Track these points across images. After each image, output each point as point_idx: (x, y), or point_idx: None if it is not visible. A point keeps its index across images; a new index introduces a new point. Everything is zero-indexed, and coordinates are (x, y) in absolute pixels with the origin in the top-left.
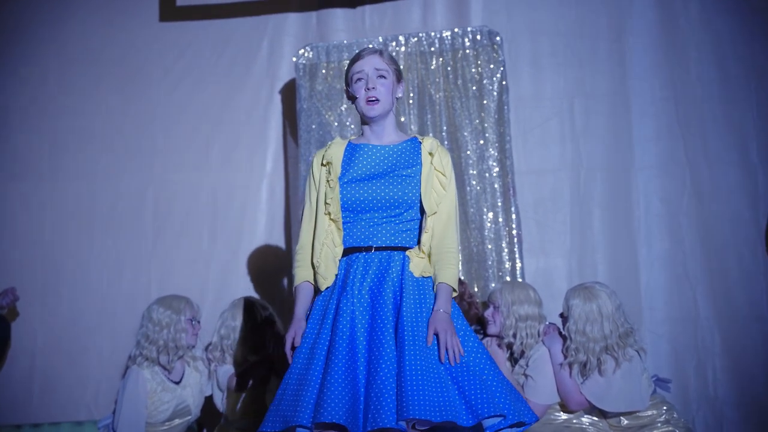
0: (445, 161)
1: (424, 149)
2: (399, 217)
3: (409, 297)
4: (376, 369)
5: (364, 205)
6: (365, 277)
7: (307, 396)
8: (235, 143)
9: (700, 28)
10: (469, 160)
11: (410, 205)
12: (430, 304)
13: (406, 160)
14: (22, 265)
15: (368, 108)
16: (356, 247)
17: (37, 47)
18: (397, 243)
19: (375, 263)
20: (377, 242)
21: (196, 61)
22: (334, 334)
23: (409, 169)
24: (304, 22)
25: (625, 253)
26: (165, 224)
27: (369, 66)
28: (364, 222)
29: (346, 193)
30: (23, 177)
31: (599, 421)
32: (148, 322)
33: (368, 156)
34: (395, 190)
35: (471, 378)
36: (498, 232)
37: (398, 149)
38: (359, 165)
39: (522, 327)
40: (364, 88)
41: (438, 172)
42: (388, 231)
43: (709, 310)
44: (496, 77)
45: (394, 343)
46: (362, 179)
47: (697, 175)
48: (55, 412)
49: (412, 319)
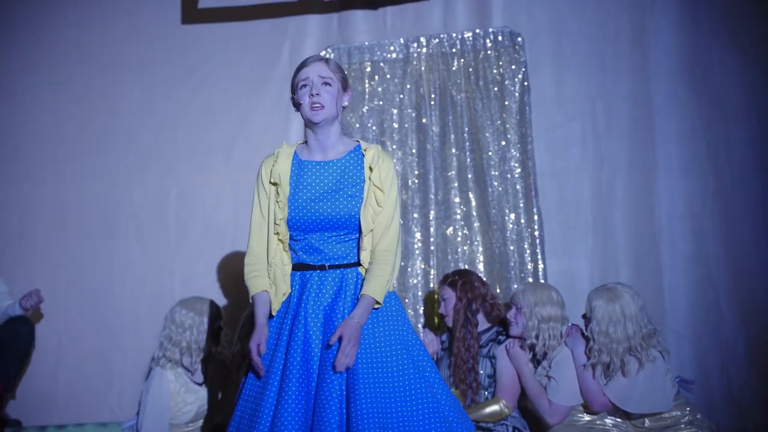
0: (384, 174)
1: (366, 163)
2: (348, 236)
3: None
4: (321, 389)
5: (312, 226)
6: (319, 296)
7: (262, 421)
8: (258, 145)
9: (723, 28)
10: (491, 161)
11: (356, 224)
12: (384, 321)
13: (350, 177)
14: (46, 267)
15: (312, 113)
16: (309, 265)
17: (60, 50)
18: (350, 260)
19: (329, 282)
20: (330, 261)
21: (218, 64)
22: (288, 356)
23: (353, 188)
24: (325, 23)
25: (647, 255)
26: (188, 226)
27: (314, 73)
28: (314, 240)
29: (294, 214)
30: (47, 180)
31: (622, 422)
32: (171, 324)
33: (314, 174)
34: (341, 210)
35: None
36: (520, 233)
37: (342, 164)
38: (306, 185)
39: (544, 328)
40: (309, 94)
41: (376, 188)
42: (339, 249)
43: (732, 312)
44: (517, 78)
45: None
46: (309, 200)
47: (720, 176)
48: (79, 414)
49: (365, 338)
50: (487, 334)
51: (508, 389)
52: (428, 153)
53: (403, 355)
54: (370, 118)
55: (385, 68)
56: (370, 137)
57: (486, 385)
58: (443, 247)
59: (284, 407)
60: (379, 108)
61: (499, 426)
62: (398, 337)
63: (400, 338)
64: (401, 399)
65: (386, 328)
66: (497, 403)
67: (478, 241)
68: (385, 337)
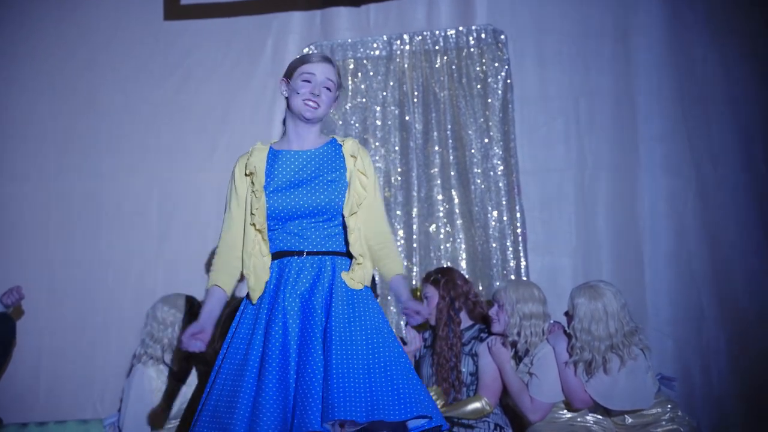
0: (366, 163)
1: (346, 152)
2: (327, 223)
3: (338, 301)
4: (303, 374)
5: (291, 213)
6: (297, 282)
7: (242, 407)
8: (240, 142)
9: (706, 28)
10: (474, 159)
11: (338, 210)
12: (361, 307)
13: (330, 164)
14: (28, 264)
15: (306, 108)
16: (287, 251)
17: (42, 47)
18: (328, 248)
19: (308, 268)
20: (308, 247)
21: (201, 60)
22: (267, 342)
23: (333, 174)
24: (308, 20)
25: (630, 253)
26: (171, 223)
27: (321, 73)
28: (292, 228)
29: (273, 202)
30: (29, 177)
31: (604, 419)
32: (153, 321)
33: (291, 162)
34: (322, 196)
35: (402, 374)
36: (503, 230)
37: (320, 153)
38: (283, 172)
39: (526, 325)
40: (310, 90)
41: (361, 174)
42: (318, 236)
43: (714, 310)
44: (500, 76)
45: (321, 348)
46: (287, 187)
47: (702, 174)
48: (60, 411)
49: (341, 323)
50: (470, 332)
51: (489, 387)
52: (411, 150)
53: (373, 333)
54: (353, 115)
55: (368, 65)
56: (353, 134)
57: (468, 383)
58: (426, 245)
59: (265, 393)
60: (362, 105)
61: (481, 423)
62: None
63: (372, 322)
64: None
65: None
66: (479, 400)
67: (460, 239)
68: (364, 316)
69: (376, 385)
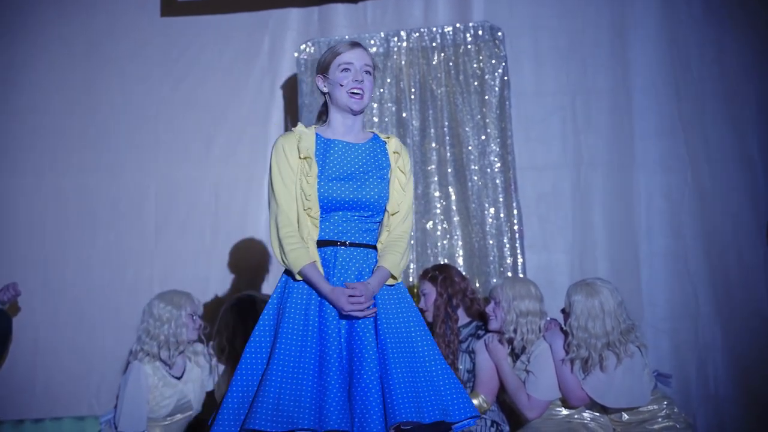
0: (406, 160)
1: (390, 149)
2: (370, 218)
3: (383, 296)
4: (360, 373)
5: (340, 204)
6: (344, 273)
7: (307, 399)
8: (237, 139)
9: (702, 25)
10: (471, 156)
11: (382, 207)
12: (402, 303)
13: (378, 161)
14: (24, 260)
15: (353, 101)
16: (331, 241)
17: (39, 43)
18: (367, 241)
19: (353, 259)
20: (351, 238)
21: (198, 57)
22: (324, 335)
23: (381, 171)
24: (305, 17)
25: (626, 249)
26: (167, 219)
27: (359, 60)
28: (336, 218)
29: (324, 191)
30: (26, 172)
31: (600, 416)
32: (149, 318)
33: (344, 154)
34: (372, 192)
35: (450, 374)
36: (499, 227)
37: (368, 148)
38: (336, 163)
39: (523, 322)
40: (353, 78)
41: (401, 173)
42: (359, 229)
43: (709, 306)
44: (497, 72)
45: (375, 345)
46: (338, 178)
47: (698, 171)
48: (57, 407)
49: (391, 319)
50: (467, 329)
51: (486, 384)
52: (408, 147)
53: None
54: None
55: None
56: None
57: (465, 380)
58: (423, 241)
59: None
60: None
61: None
62: (417, 314)
63: (417, 315)
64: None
65: (408, 304)
66: (476, 397)
67: (457, 236)
68: (407, 312)
69: (438, 385)
